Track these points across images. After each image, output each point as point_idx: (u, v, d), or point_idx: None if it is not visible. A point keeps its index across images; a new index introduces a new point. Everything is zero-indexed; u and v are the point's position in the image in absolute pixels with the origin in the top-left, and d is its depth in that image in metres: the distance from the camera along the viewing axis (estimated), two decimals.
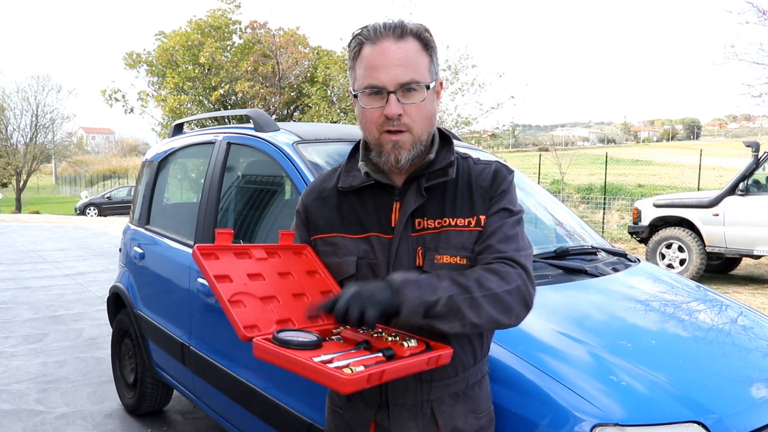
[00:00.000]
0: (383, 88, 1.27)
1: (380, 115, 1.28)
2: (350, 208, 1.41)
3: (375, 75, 1.27)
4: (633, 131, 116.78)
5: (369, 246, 1.37)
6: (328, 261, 1.42)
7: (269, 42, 18.15)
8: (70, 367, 4.56)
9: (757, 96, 13.57)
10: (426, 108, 1.31)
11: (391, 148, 1.30)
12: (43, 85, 37.67)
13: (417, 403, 1.35)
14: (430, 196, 1.36)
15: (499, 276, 1.25)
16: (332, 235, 1.42)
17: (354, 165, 1.43)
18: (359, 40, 1.31)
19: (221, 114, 3.97)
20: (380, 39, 1.28)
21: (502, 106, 15.59)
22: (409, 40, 1.29)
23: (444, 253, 1.33)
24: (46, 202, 39.52)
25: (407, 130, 1.29)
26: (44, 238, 13.45)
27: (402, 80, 1.26)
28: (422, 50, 1.30)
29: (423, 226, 1.35)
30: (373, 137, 1.33)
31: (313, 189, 1.50)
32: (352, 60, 1.34)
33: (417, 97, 1.28)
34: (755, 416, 1.62)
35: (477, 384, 1.42)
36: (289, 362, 1.11)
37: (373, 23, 1.31)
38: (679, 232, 8.36)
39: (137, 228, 3.78)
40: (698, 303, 2.38)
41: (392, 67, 1.26)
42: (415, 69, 1.28)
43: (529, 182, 3.23)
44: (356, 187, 1.39)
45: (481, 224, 1.35)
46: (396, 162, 1.31)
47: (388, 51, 1.27)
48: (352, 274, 1.38)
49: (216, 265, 1.26)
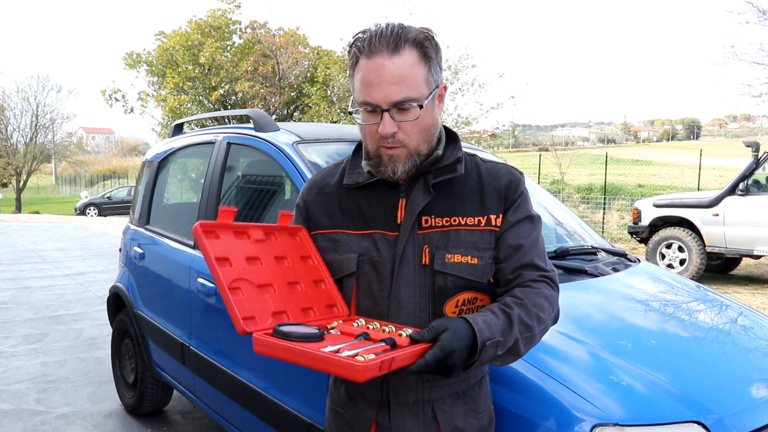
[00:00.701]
0: (377, 106, 1.26)
1: (376, 131, 1.28)
2: (354, 205, 1.39)
3: (369, 93, 1.26)
4: (633, 131, 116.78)
5: (372, 243, 1.35)
6: (329, 257, 1.40)
7: (269, 42, 18.15)
8: (70, 367, 4.56)
9: (757, 96, 13.58)
10: (422, 123, 1.29)
11: (388, 160, 1.30)
12: (43, 85, 37.72)
13: (418, 403, 1.34)
14: (437, 193, 1.35)
15: (549, 303, 1.32)
16: (333, 231, 1.40)
17: (358, 163, 1.42)
18: (354, 53, 1.29)
19: (221, 114, 3.97)
20: (374, 54, 1.25)
21: (502, 106, 15.61)
22: (404, 52, 1.25)
23: (455, 252, 1.32)
24: (46, 202, 39.53)
25: (402, 146, 1.29)
26: (44, 238, 13.45)
27: (395, 99, 1.24)
28: (419, 61, 1.26)
29: (430, 224, 1.33)
30: (372, 149, 1.33)
31: (314, 184, 1.49)
32: (351, 68, 1.32)
33: (411, 115, 1.27)
34: (755, 416, 1.62)
35: (477, 384, 1.42)
36: (297, 355, 1.10)
37: (371, 30, 1.28)
38: (679, 232, 8.36)
39: (137, 228, 3.78)
40: (698, 303, 2.38)
41: (385, 86, 1.24)
42: (410, 86, 1.25)
43: (529, 182, 3.22)
44: (361, 183, 1.38)
45: (492, 224, 1.34)
46: (393, 173, 1.31)
47: (381, 68, 1.24)
48: (353, 271, 1.36)
49: (217, 245, 1.25)
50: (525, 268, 1.34)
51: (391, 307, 1.33)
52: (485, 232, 1.34)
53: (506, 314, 1.24)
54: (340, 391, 1.44)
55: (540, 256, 1.36)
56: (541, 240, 1.39)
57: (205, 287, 2.69)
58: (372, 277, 1.35)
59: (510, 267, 1.34)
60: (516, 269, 1.34)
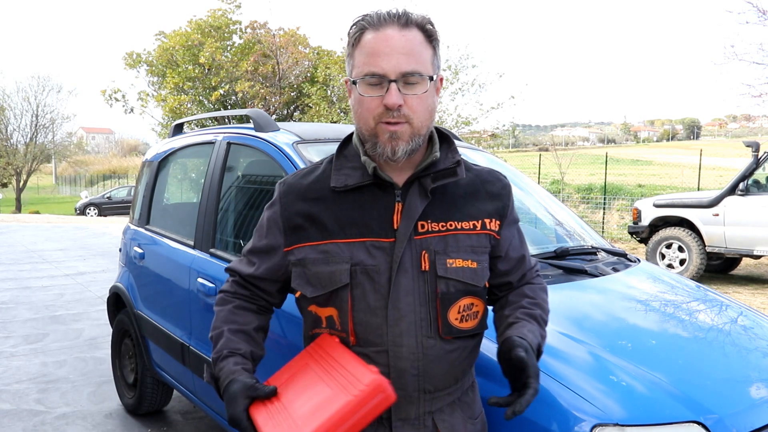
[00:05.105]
0: (384, 76, 1.20)
1: (379, 104, 1.22)
2: (344, 210, 1.30)
3: (376, 62, 1.21)
4: (633, 131, 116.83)
5: (365, 251, 1.27)
6: (317, 270, 1.30)
7: (269, 42, 18.15)
8: (70, 367, 4.56)
9: (757, 96, 13.58)
10: (427, 101, 1.25)
11: (388, 138, 1.23)
12: (43, 85, 37.68)
13: (419, 417, 1.31)
14: (433, 198, 1.30)
15: (545, 293, 1.49)
16: (324, 242, 1.30)
17: (345, 163, 1.33)
18: (361, 26, 1.25)
19: (221, 114, 3.97)
20: (384, 26, 1.22)
21: (502, 106, 15.59)
22: (413, 29, 1.23)
23: (456, 257, 1.29)
24: (46, 202, 39.52)
25: (406, 122, 1.22)
26: (44, 238, 13.45)
27: (405, 69, 1.20)
28: (426, 42, 1.25)
29: (427, 229, 1.28)
30: (368, 127, 1.25)
31: (292, 190, 1.36)
32: (351, 47, 1.27)
33: (419, 89, 1.23)
34: (755, 416, 1.62)
35: (470, 388, 1.42)
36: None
37: (375, 10, 1.25)
38: (679, 232, 8.36)
39: (137, 228, 3.78)
40: (698, 303, 2.38)
41: (395, 55, 1.20)
42: (419, 59, 1.22)
43: (529, 182, 3.22)
44: (351, 186, 1.29)
45: (487, 227, 1.35)
46: (392, 153, 1.24)
47: (391, 39, 1.21)
48: (346, 283, 1.27)
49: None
50: (527, 273, 1.48)
51: (390, 317, 1.27)
52: (481, 236, 1.34)
53: (533, 317, 1.37)
54: None
55: (530, 255, 1.50)
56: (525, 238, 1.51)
57: (205, 287, 2.69)
58: (367, 286, 1.27)
59: (516, 277, 1.46)
60: (521, 277, 1.47)
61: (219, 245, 2.82)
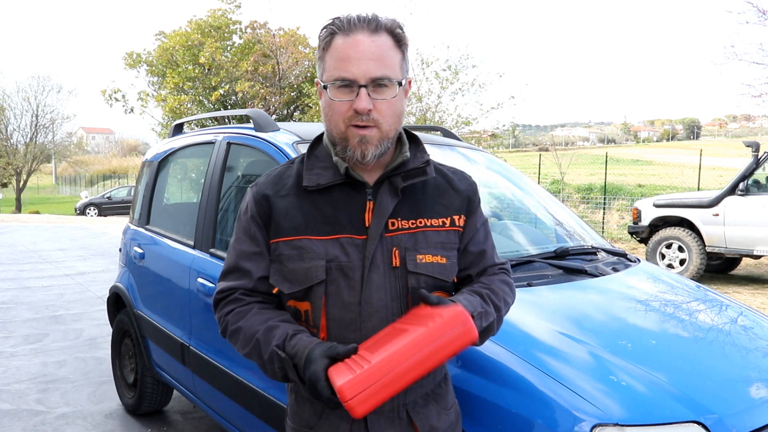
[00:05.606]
0: (354, 81, 1.23)
1: (349, 108, 1.24)
2: (317, 208, 1.32)
3: (346, 67, 1.23)
4: (633, 131, 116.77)
5: (339, 248, 1.30)
6: (294, 266, 1.31)
7: (269, 42, 18.17)
8: (70, 367, 4.56)
9: (757, 96, 13.56)
10: (396, 105, 1.28)
11: (358, 142, 1.26)
12: (43, 85, 37.69)
13: (394, 409, 1.32)
14: (403, 196, 1.34)
15: (510, 288, 1.45)
16: (297, 237, 1.31)
17: (316, 162, 1.35)
18: (331, 30, 1.27)
19: (221, 114, 3.97)
20: (354, 30, 1.25)
21: (502, 106, 15.54)
22: (382, 34, 1.26)
23: (425, 252, 1.33)
24: (46, 202, 39.53)
25: (375, 126, 1.25)
26: (44, 238, 13.45)
27: (374, 75, 1.23)
28: (395, 46, 1.28)
29: (397, 227, 1.33)
30: (338, 130, 1.27)
31: (264, 189, 1.37)
32: (322, 50, 1.29)
33: (388, 94, 1.26)
34: (755, 416, 1.62)
35: (443, 381, 1.43)
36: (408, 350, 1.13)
37: (346, 14, 1.28)
38: (679, 232, 8.36)
39: (137, 228, 3.78)
40: (698, 303, 2.38)
41: (365, 61, 1.23)
42: (388, 65, 1.25)
43: (529, 182, 3.23)
44: (323, 185, 1.32)
45: (456, 224, 1.39)
46: (362, 157, 1.27)
47: (361, 44, 1.24)
48: (322, 279, 1.29)
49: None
50: (489, 268, 1.47)
51: (363, 313, 1.29)
52: (450, 233, 1.38)
53: (477, 293, 1.34)
54: (305, 409, 1.37)
55: (496, 254, 1.50)
56: (492, 237, 1.51)
57: (205, 287, 2.70)
58: (341, 283, 1.29)
59: (476, 271, 1.45)
60: (480, 272, 1.45)
61: (219, 245, 2.83)
